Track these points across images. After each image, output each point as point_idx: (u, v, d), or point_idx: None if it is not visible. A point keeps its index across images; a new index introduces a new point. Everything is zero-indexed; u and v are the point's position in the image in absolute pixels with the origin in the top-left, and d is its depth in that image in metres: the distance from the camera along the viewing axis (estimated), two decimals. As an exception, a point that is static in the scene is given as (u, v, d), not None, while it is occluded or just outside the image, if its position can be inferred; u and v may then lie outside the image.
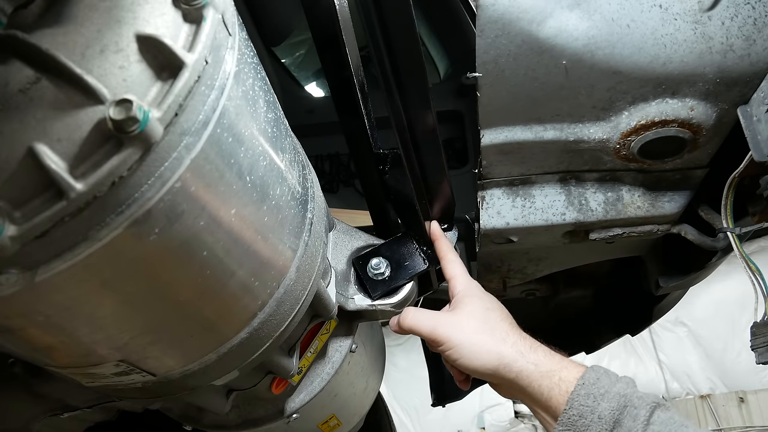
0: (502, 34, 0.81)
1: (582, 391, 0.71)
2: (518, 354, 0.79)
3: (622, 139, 0.90)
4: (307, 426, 1.11)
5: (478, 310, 0.86)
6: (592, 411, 0.69)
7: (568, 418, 0.71)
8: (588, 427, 0.69)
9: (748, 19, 0.79)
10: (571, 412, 0.70)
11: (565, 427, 0.71)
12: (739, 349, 3.83)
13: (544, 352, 0.80)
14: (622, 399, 0.69)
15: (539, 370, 0.77)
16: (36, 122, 0.45)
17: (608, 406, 0.69)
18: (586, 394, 0.71)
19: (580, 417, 0.70)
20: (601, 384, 0.71)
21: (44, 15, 0.49)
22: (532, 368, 0.77)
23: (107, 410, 0.97)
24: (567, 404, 0.71)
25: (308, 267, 0.77)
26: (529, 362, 0.78)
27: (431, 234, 1.01)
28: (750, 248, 3.73)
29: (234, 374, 0.75)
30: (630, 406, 0.69)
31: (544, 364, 0.77)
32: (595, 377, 0.73)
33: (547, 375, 0.76)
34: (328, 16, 0.77)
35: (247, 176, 0.58)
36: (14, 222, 0.44)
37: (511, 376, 0.78)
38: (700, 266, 1.15)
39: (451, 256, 0.98)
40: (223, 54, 0.53)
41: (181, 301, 0.59)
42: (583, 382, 0.72)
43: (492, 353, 0.80)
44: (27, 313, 0.51)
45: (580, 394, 0.71)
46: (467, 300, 0.88)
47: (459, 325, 0.85)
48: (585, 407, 0.70)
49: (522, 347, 0.80)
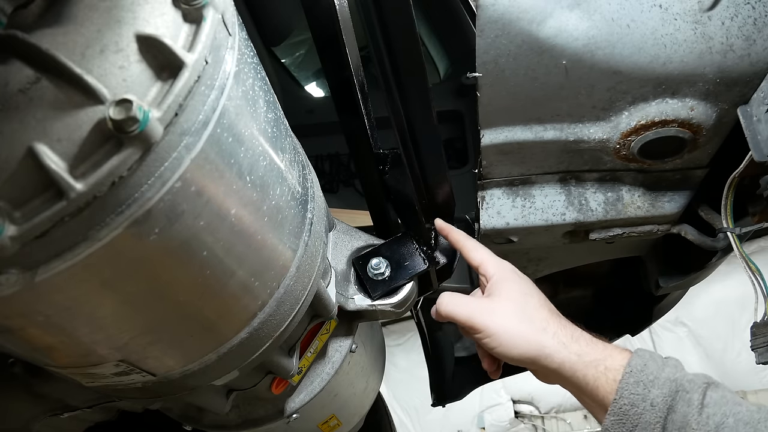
0: (502, 34, 0.81)
1: (630, 380, 0.69)
2: (560, 345, 0.77)
3: (622, 139, 0.90)
4: (307, 426, 1.11)
5: (515, 295, 0.84)
6: (643, 399, 0.68)
7: (619, 408, 0.69)
8: (640, 416, 0.67)
9: (748, 19, 0.79)
10: (622, 402, 0.69)
11: (617, 417, 0.69)
12: (739, 349, 3.83)
13: (586, 341, 0.77)
14: (672, 384, 0.68)
15: (583, 361, 0.74)
16: (36, 122, 0.45)
17: (660, 392, 0.67)
18: (635, 382, 0.69)
19: (631, 406, 0.68)
20: (649, 370, 0.70)
21: (44, 15, 0.49)
22: (575, 359, 0.75)
23: (107, 410, 0.97)
24: (617, 393, 0.69)
25: (308, 267, 0.77)
26: (571, 353, 0.76)
27: (439, 230, 0.99)
28: (750, 248, 3.73)
29: (234, 374, 0.75)
30: (682, 391, 0.68)
31: (588, 354, 0.75)
32: (642, 363, 0.71)
33: (592, 365, 0.74)
34: (328, 16, 0.77)
35: (247, 176, 0.58)
36: (14, 222, 0.44)
37: (553, 367, 0.76)
38: (700, 266, 1.15)
39: (470, 243, 0.94)
40: (223, 54, 0.53)
41: (181, 301, 0.59)
42: (631, 369, 0.70)
43: (532, 343, 0.78)
44: (27, 313, 0.51)
45: (629, 383, 0.69)
46: (503, 285, 0.85)
47: (497, 313, 0.82)
48: (636, 395, 0.68)
49: (563, 337, 0.78)
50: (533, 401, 4.39)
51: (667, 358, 0.73)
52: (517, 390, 4.34)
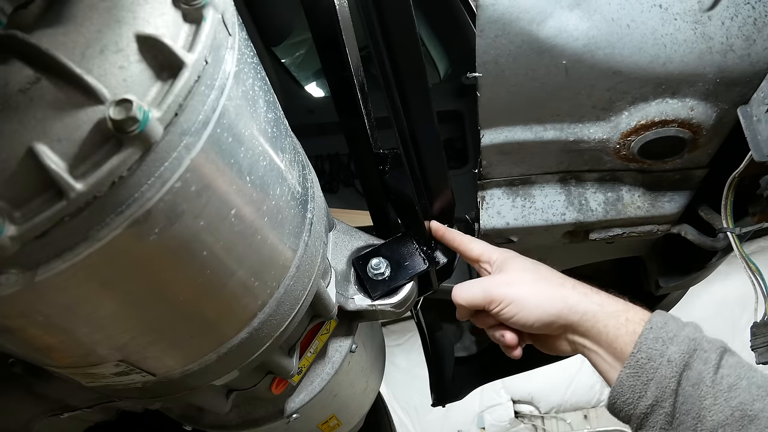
0: (502, 34, 0.81)
1: (650, 335, 0.70)
2: (581, 295, 0.78)
3: (622, 139, 0.90)
4: (307, 426, 1.11)
5: (526, 264, 0.85)
6: (661, 354, 0.68)
7: (636, 360, 0.69)
8: (656, 370, 0.68)
9: (748, 19, 0.79)
10: (639, 355, 0.69)
11: (633, 369, 0.69)
12: (739, 349, 3.80)
13: (606, 294, 0.79)
14: (691, 343, 0.69)
15: (605, 310, 0.75)
16: (36, 122, 0.45)
17: (677, 349, 0.68)
18: (654, 337, 0.70)
19: (648, 360, 0.69)
20: (669, 327, 0.71)
21: (44, 15, 0.49)
22: (597, 308, 0.76)
23: (107, 410, 0.97)
24: (635, 347, 0.70)
25: (308, 267, 0.77)
26: (593, 302, 0.77)
27: (434, 232, 1.00)
28: (750, 248, 3.73)
29: (234, 374, 0.75)
30: (699, 350, 0.68)
31: (609, 305, 0.76)
32: (663, 321, 0.72)
33: (613, 315, 0.75)
34: (328, 16, 0.77)
35: (247, 176, 0.58)
36: (14, 222, 0.44)
37: (575, 318, 0.76)
38: (700, 266, 1.15)
39: (466, 238, 0.95)
40: (223, 54, 0.53)
41: (181, 301, 0.59)
42: (651, 325, 0.71)
43: (554, 298, 0.78)
44: (27, 313, 0.51)
45: (648, 338, 0.70)
46: (510, 260, 0.86)
47: (512, 282, 0.82)
48: (653, 350, 0.69)
49: (583, 288, 0.79)
50: (533, 401, 4.39)
51: (689, 322, 0.74)
52: (517, 390, 4.34)
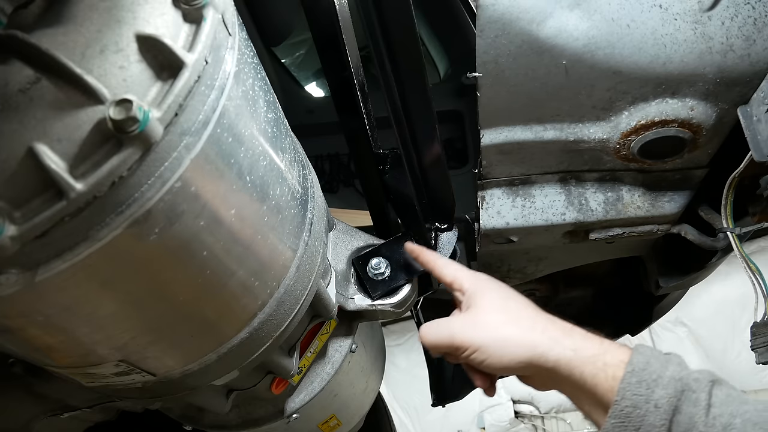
0: (502, 34, 0.81)
1: (633, 379, 0.64)
2: (552, 341, 0.71)
3: (622, 139, 0.90)
4: (307, 426, 1.11)
5: (495, 301, 0.78)
6: (646, 400, 0.63)
7: (620, 409, 0.64)
8: (644, 418, 0.63)
9: (748, 19, 0.79)
10: (624, 404, 0.64)
11: (619, 420, 0.64)
12: (739, 349, 3.83)
13: (580, 336, 0.72)
14: (678, 383, 0.63)
15: (579, 357, 0.69)
16: (36, 122, 0.45)
17: (664, 393, 0.63)
18: (637, 381, 0.64)
19: (634, 408, 0.63)
20: (652, 368, 0.65)
21: (44, 15, 0.49)
22: (571, 354, 0.69)
23: (107, 410, 0.97)
24: (618, 395, 0.64)
25: (308, 267, 0.77)
26: (566, 348, 0.70)
27: (410, 252, 0.94)
28: (750, 248, 3.73)
29: (234, 374, 0.75)
30: (688, 390, 0.63)
31: (584, 349, 0.70)
32: (645, 361, 0.66)
33: (589, 361, 0.68)
34: (328, 16, 0.77)
35: (247, 176, 0.58)
36: (14, 222, 0.44)
37: (548, 366, 0.70)
38: (700, 266, 1.15)
39: (441, 261, 0.90)
40: (223, 54, 0.53)
41: (181, 301, 0.59)
42: (632, 368, 0.65)
43: (523, 345, 0.72)
44: (27, 313, 0.51)
45: (631, 383, 0.64)
46: (479, 294, 0.80)
47: (479, 325, 0.76)
48: (638, 396, 0.63)
49: (554, 332, 0.72)
50: (533, 401, 4.39)
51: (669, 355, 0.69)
52: (517, 390, 4.34)
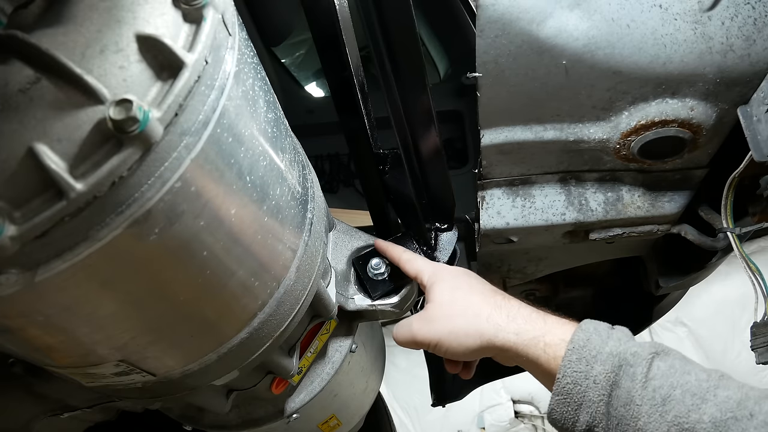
0: (502, 34, 0.81)
1: (573, 356, 0.67)
2: (495, 328, 0.75)
3: (622, 139, 0.90)
4: (307, 426, 1.11)
5: (444, 295, 0.83)
6: (585, 376, 0.65)
7: (562, 387, 0.67)
8: (584, 394, 0.65)
9: (748, 19, 0.79)
10: (565, 381, 0.67)
11: (562, 396, 0.67)
12: (739, 349, 3.83)
13: (524, 318, 0.76)
14: (615, 359, 0.65)
15: (522, 340, 0.73)
16: (36, 122, 0.45)
17: (602, 369, 0.65)
18: (577, 359, 0.67)
19: (575, 384, 0.66)
20: (592, 345, 0.67)
21: (44, 15, 0.49)
22: (514, 338, 0.74)
23: (107, 410, 0.97)
24: (559, 372, 0.67)
25: (308, 267, 0.77)
26: (509, 333, 0.74)
27: (378, 249, 0.98)
28: (750, 248, 3.73)
29: (234, 374, 0.75)
30: (625, 365, 0.65)
31: (526, 332, 0.73)
32: (585, 338, 0.68)
33: (531, 343, 0.72)
34: (328, 16, 0.77)
35: (247, 176, 0.58)
36: (14, 222, 0.44)
37: (497, 350, 0.76)
38: (700, 266, 1.15)
39: (405, 255, 0.94)
40: (223, 54, 0.53)
41: (181, 301, 0.59)
42: (573, 345, 0.68)
43: (470, 335, 0.77)
44: (27, 313, 0.51)
45: (571, 360, 0.67)
46: (434, 289, 0.85)
47: (432, 321, 0.82)
48: (578, 373, 0.66)
49: (498, 318, 0.76)
50: (533, 401, 4.38)
51: (614, 329, 0.70)
52: (517, 390, 4.34)
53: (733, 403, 0.60)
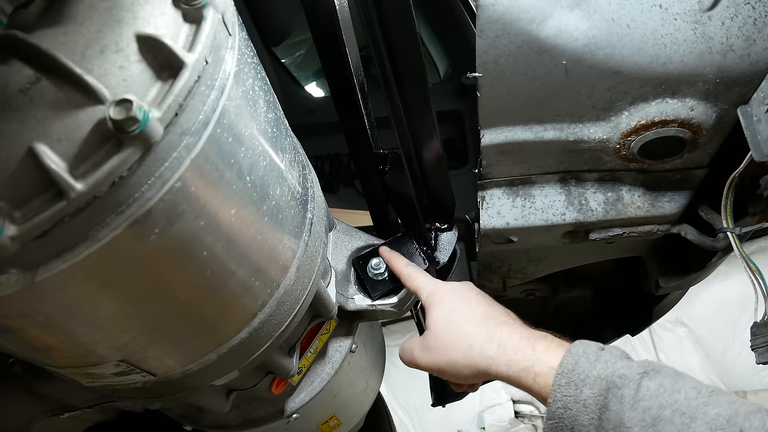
0: (502, 34, 0.81)
1: (562, 381, 0.68)
2: (488, 361, 0.77)
3: (622, 139, 0.90)
4: (307, 426, 1.11)
5: (440, 323, 0.84)
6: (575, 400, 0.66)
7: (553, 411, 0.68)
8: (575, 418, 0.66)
9: (748, 19, 0.79)
10: (556, 405, 0.67)
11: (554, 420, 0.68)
12: (739, 349, 3.82)
13: (513, 348, 0.76)
14: (603, 382, 0.66)
15: (513, 371, 0.75)
16: (36, 122, 0.45)
17: (590, 392, 0.66)
18: (566, 383, 0.68)
19: (565, 409, 0.67)
20: (580, 369, 0.68)
21: (44, 15, 0.49)
22: (506, 370, 0.75)
23: (107, 410, 0.97)
24: (550, 397, 0.68)
25: (308, 267, 0.77)
26: (501, 365, 0.76)
27: (383, 258, 1.00)
28: (750, 248, 3.73)
29: (234, 374, 0.75)
30: (613, 388, 0.65)
31: (516, 363, 0.75)
32: (574, 362, 0.69)
33: (522, 374, 0.74)
34: (328, 16, 0.77)
35: (247, 176, 0.58)
36: (14, 222, 0.44)
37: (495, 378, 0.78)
38: (700, 266, 1.15)
39: (406, 270, 0.95)
40: (223, 54, 0.53)
41: (182, 301, 0.59)
42: (562, 370, 0.69)
43: (467, 366, 0.79)
44: (27, 313, 0.51)
45: (561, 384, 0.68)
46: (431, 313, 0.86)
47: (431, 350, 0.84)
48: (568, 397, 0.67)
49: (489, 351, 0.78)
50: (533, 401, 4.38)
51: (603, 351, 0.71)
52: (517, 390, 4.32)
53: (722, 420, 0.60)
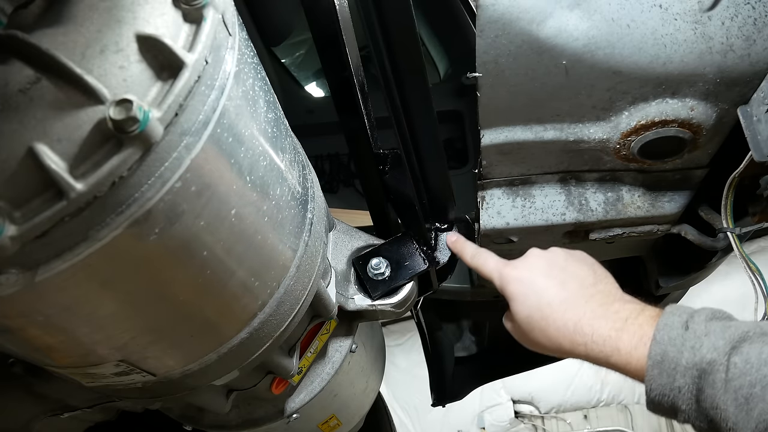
0: (502, 34, 0.81)
1: (654, 371, 0.71)
2: (572, 345, 0.80)
3: (622, 139, 0.90)
4: (307, 426, 1.11)
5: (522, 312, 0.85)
6: (671, 388, 0.69)
7: (651, 399, 0.71)
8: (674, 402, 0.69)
9: (748, 19, 0.79)
10: (653, 393, 0.71)
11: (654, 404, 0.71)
12: (738, 349, 3.82)
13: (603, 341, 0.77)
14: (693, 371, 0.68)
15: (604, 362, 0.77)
16: (36, 122, 0.45)
17: (684, 381, 0.68)
18: (659, 373, 0.71)
19: (663, 396, 0.70)
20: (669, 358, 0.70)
21: (44, 15, 0.49)
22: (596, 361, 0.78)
23: (107, 410, 0.97)
24: (646, 385, 0.71)
25: (308, 267, 0.77)
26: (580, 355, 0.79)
27: (450, 245, 1.03)
28: (750, 248, 3.73)
29: (234, 374, 0.75)
30: (704, 374, 0.67)
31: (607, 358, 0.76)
32: (661, 352, 0.71)
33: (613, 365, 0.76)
34: (328, 16, 0.77)
35: (247, 176, 0.58)
36: (14, 222, 0.44)
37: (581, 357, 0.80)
38: (700, 266, 1.15)
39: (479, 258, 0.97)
40: (223, 54, 0.53)
41: (182, 301, 0.59)
42: (652, 362, 0.71)
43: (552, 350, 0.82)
44: (27, 313, 0.51)
45: (653, 375, 0.71)
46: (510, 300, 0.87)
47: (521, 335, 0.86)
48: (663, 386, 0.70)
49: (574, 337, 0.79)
50: (533, 401, 4.39)
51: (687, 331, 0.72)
52: (517, 390, 4.34)
53: None
